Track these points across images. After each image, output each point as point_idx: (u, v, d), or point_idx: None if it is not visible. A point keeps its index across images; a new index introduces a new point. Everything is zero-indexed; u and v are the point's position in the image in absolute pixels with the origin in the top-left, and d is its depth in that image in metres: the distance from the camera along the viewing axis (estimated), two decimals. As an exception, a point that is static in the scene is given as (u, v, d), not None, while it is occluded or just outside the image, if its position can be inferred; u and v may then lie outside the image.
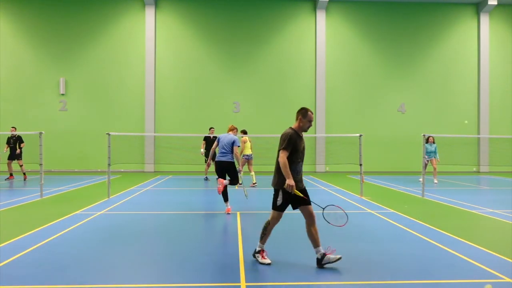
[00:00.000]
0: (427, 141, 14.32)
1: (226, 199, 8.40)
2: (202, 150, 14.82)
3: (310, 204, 4.91)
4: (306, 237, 4.91)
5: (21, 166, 14.48)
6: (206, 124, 19.09)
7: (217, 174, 8.31)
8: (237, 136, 12.49)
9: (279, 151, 4.89)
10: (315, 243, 4.88)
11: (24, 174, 14.72)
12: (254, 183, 13.14)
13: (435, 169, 14.89)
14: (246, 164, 13.26)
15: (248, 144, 13.25)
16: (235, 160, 8.43)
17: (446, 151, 15.77)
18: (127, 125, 19.23)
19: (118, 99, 19.67)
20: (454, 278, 4.52)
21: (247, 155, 13.09)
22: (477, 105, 20.57)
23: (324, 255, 4.82)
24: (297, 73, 20.09)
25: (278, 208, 4.92)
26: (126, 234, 6.57)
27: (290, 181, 4.68)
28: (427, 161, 14.41)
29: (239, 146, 8.50)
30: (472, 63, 20.63)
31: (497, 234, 6.95)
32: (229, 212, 8.28)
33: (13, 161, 14.35)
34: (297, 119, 5.00)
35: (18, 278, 4.43)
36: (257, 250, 5.09)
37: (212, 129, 15.04)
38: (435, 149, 14.75)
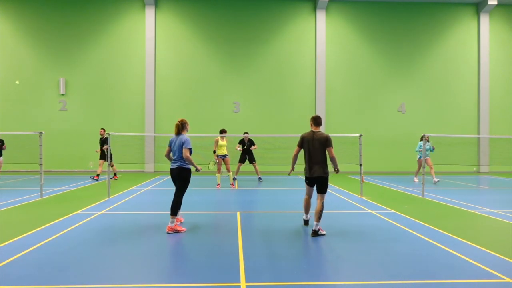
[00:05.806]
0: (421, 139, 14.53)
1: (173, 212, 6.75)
2: (239, 149, 14.90)
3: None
4: (305, 238, 4.90)
5: (111, 166, 14.13)
6: (206, 124, 19.08)
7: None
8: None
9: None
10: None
11: (115, 174, 15.29)
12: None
13: (419, 168, 14.87)
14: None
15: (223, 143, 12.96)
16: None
17: (446, 151, 15.77)
18: (127, 125, 19.25)
19: (118, 99, 19.66)
20: (454, 278, 4.51)
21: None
22: (477, 105, 20.57)
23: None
24: (297, 73, 20.08)
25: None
26: (126, 234, 6.56)
27: None
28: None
29: (189, 148, 6.93)
30: (472, 63, 20.63)
31: (497, 234, 6.94)
32: (169, 232, 6.64)
33: (105, 161, 14.23)
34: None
35: (18, 278, 4.43)
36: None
37: (246, 134, 14.62)
38: (419, 147, 14.56)
